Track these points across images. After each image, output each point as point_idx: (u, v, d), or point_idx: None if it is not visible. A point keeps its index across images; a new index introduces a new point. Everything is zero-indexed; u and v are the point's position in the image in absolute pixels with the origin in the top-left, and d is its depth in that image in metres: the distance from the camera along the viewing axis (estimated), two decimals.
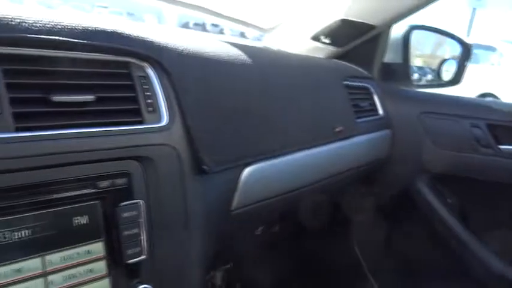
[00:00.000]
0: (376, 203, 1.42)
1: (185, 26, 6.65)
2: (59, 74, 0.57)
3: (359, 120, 1.22)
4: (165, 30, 0.79)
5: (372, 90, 1.37)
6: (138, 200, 0.60)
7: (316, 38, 1.35)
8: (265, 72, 0.92)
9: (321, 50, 1.41)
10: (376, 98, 1.37)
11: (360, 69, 1.38)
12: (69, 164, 0.54)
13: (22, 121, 0.51)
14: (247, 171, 0.80)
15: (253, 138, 0.82)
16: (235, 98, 0.80)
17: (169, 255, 0.64)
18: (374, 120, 1.32)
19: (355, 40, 1.40)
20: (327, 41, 1.35)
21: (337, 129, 1.07)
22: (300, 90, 1.01)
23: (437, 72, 1.58)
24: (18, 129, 0.51)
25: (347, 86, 1.22)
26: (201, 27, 6.85)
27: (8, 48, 0.53)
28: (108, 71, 0.62)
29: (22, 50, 0.54)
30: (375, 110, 1.36)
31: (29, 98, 0.53)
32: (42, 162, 0.52)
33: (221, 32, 5.46)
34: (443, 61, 1.58)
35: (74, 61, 0.59)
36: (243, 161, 0.79)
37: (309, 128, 1.00)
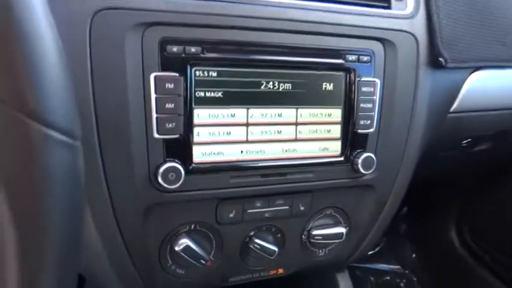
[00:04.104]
0: None
1: None
2: None
3: None
4: None
5: None
6: (376, 79, 0.66)
7: None
8: None
9: None
10: None
11: None
12: (328, 35, 0.62)
13: None
14: (474, 76, 0.78)
15: (489, 44, 0.78)
16: None
17: (393, 134, 0.70)
18: None
19: None
20: None
21: None
22: None
23: None
24: None
25: None
26: None
27: None
28: None
29: None
30: None
31: None
32: (308, 28, 0.60)
33: None
34: None
35: None
36: (474, 64, 0.77)
37: None
